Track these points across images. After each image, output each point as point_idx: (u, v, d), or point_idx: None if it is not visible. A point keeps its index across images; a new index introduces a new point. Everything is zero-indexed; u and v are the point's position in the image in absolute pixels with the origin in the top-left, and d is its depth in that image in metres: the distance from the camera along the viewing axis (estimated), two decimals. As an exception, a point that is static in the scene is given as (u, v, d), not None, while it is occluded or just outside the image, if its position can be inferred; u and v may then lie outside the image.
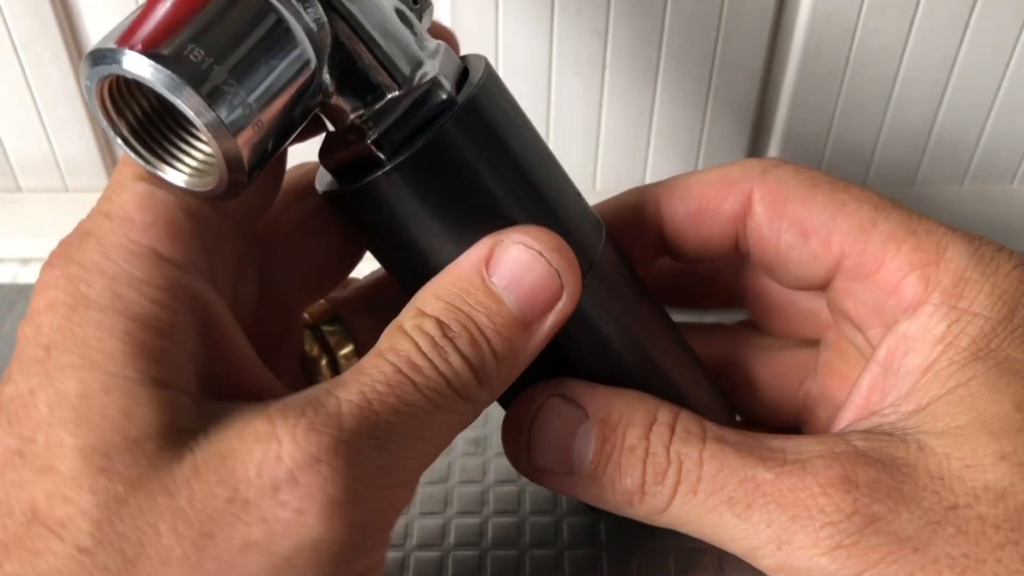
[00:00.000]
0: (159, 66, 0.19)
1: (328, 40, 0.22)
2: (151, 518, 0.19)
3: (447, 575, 0.33)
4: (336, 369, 0.29)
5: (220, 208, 0.23)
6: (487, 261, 0.23)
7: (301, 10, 0.21)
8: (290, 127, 0.22)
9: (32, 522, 0.19)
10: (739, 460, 0.24)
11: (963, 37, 0.41)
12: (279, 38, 0.21)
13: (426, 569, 0.33)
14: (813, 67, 0.42)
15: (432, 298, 0.23)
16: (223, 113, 0.20)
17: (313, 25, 0.22)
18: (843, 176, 0.46)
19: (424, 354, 0.22)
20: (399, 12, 0.23)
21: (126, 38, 0.19)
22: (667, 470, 0.24)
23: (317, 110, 0.23)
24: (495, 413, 0.34)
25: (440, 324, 0.22)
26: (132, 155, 0.21)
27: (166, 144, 0.21)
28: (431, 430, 0.22)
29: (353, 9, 0.22)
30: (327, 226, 0.27)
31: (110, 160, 0.46)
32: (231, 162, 0.20)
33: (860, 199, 0.26)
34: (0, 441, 0.20)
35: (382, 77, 0.23)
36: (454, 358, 0.22)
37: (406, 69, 0.23)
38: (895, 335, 0.25)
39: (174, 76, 0.19)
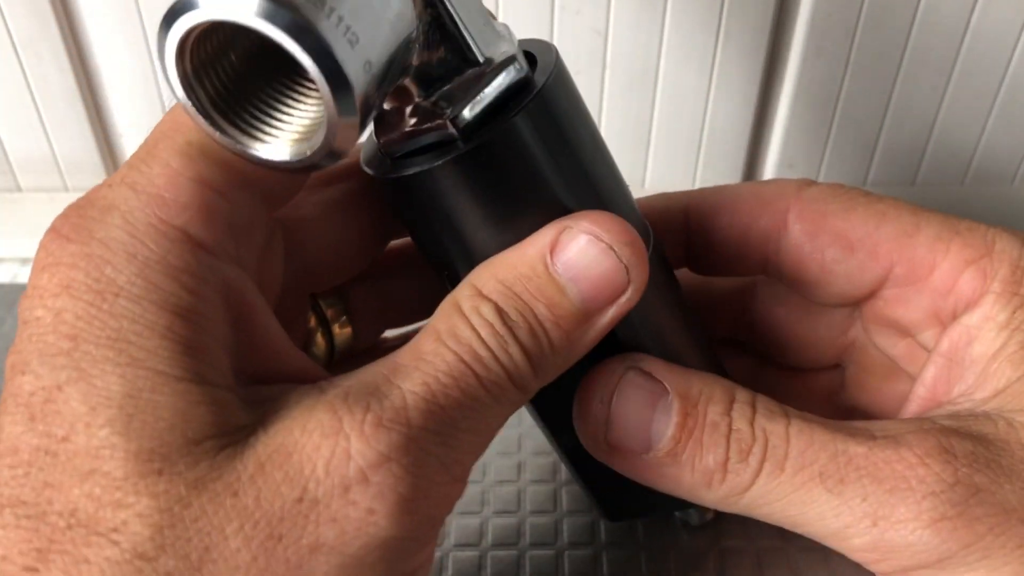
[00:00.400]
0: (268, 2, 0.16)
1: (425, 22, 0.22)
2: (217, 520, 0.18)
3: (447, 575, 0.33)
4: (331, 342, 0.28)
5: (250, 191, 0.21)
6: (552, 247, 0.22)
7: None
8: (392, 78, 0.20)
9: (73, 527, 0.18)
10: (828, 435, 0.23)
11: (963, 37, 0.41)
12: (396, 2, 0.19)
13: (426, 569, 0.33)
14: (813, 66, 0.42)
15: (491, 278, 0.22)
16: (341, 56, 0.17)
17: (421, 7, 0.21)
18: (843, 176, 0.46)
19: (485, 343, 0.21)
20: None
21: None
22: (752, 446, 0.23)
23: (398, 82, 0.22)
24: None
25: (499, 310, 0.22)
26: (211, 130, 0.19)
27: (254, 112, 0.19)
28: (488, 423, 0.22)
29: None
30: (354, 212, 0.26)
31: (110, 160, 0.46)
32: (344, 109, 0.18)
33: (898, 208, 0.26)
34: (21, 439, 0.18)
35: (467, 51, 0.22)
36: (514, 349, 0.21)
37: (487, 45, 0.23)
38: (957, 327, 0.25)
39: (287, 13, 0.17)
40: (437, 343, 0.21)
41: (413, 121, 0.23)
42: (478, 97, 0.22)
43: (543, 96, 0.22)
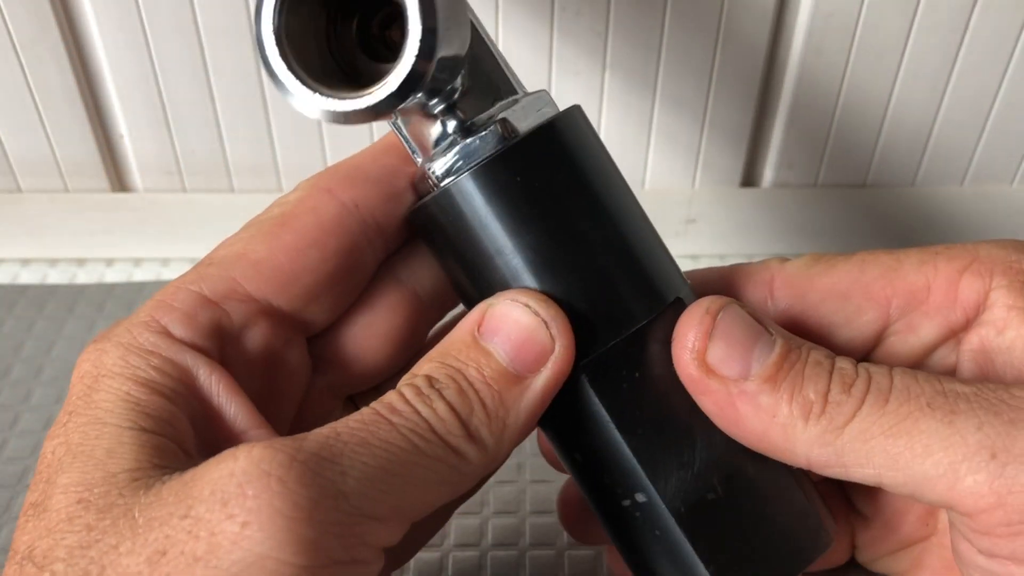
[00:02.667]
0: None
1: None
2: (113, 540, 0.20)
3: (447, 575, 0.33)
4: None
5: (253, 305, 0.25)
6: (479, 323, 0.24)
7: None
8: (457, 67, 0.24)
9: (25, 561, 0.20)
10: (933, 377, 0.22)
11: (963, 37, 0.41)
12: None
13: (426, 569, 0.33)
14: (813, 67, 0.42)
15: (426, 361, 0.23)
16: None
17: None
18: (843, 176, 0.46)
19: (406, 400, 0.22)
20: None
21: None
22: (855, 380, 0.23)
23: (439, 107, 0.25)
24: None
25: (429, 379, 0.23)
26: (301, 84, 0.23)
27: (345, 40, 0.24)
28: (409, 471, 0.21)
29: (476, 23, 0.25)
30: (381, 327, 0.27)
31: (110, 161, 0.46)
32: (428, 33, 0.22)
33: (875, 253, 0.27)
34: (26, 499, 0.22)
35: (502, 82, 0.25)
36: (439, 404, 0.22)
37: (516, 81, 0.26)
38: (981, 324, 0.25)
39: None
40: (363, 408, 0.22)
41: (451, 143, 0.25)
42: (534, 113, 0.25)
43: (567, 119, 0.24)
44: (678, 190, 0.46)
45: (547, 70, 0.42)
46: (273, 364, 0.26)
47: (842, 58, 0.42)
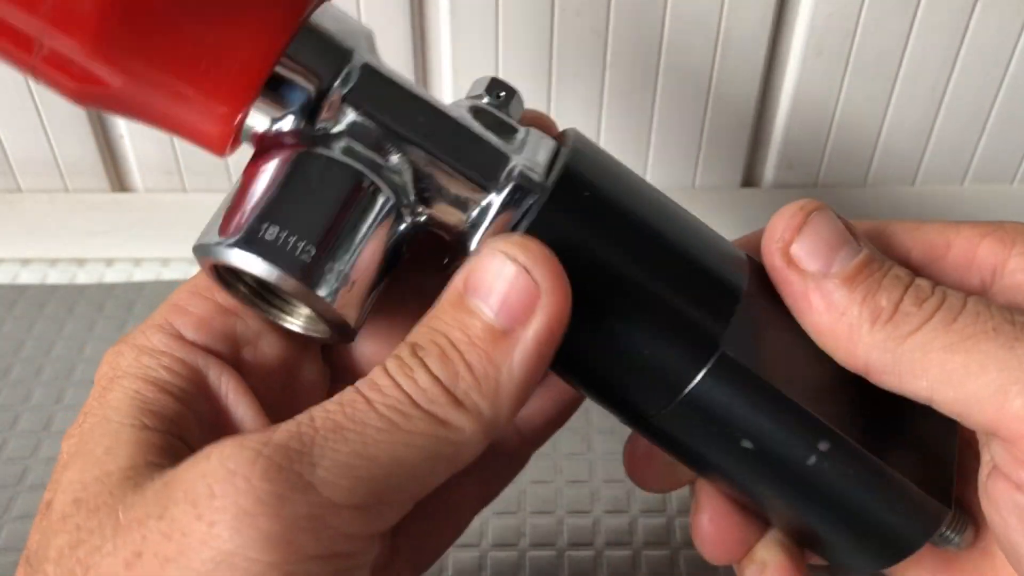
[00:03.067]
0: (250, 255, 0.21)
1: (408, 175, 0.23)
2: (98, 540, 0.20)
3: (447, 575, 0.33)
4: None
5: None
6: (466, 279, 0.22)
7: (374, 157, 0.22)
8: (388, 266, 0.23)
9: (26, 560, 0.21)
10: (1004, 309, 0.23)
11: (963, 37, 0.41)
12: (356, 196, 0.22)
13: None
14: (813, 67, 0.42)
15: (417, 326, 0.22)
16: (319, 289, 0.22)
17: (389, 167, 0.22)
18: (843, 177, 0.46)
19: (388, 373, 0.21)
20: (478, 111, 0.24)
21: (224, 228, 0.22)
22: (929, 297, 0.23)
23: (424, 232, 0.24)
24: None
25: (413, 346, 0.21)
26: (257, 312, 0.24)
27: (279, 305, 0.24)
28: (388, 451, 0.20)
29: (421, 137, 0.22)
30: (398, 333, 0.26)
31: (110, 160, 0.46)
32: (334, 322, 0.23)
33: (896, 220, 0.27)
34: (46, 495, 0.22)
35: (470, 189, 0.23)
36: (420, 375, 0.21)
37: (491, 172, 0.23)
38: (999, 290, 0.25)
39: (263, 263, 0.21)
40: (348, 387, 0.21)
41: (455, 250, 0.24)
42: (493, 221, 0.23)
43: (554, 195, 0.22)
44: (678, 190, 0.46)
45: (547, 70, 0.42)
46: (291, 373, 0.26)
47: (842, 58, 0.42)
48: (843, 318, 0.23)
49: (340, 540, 0.20)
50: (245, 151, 0.23)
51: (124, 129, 0.44)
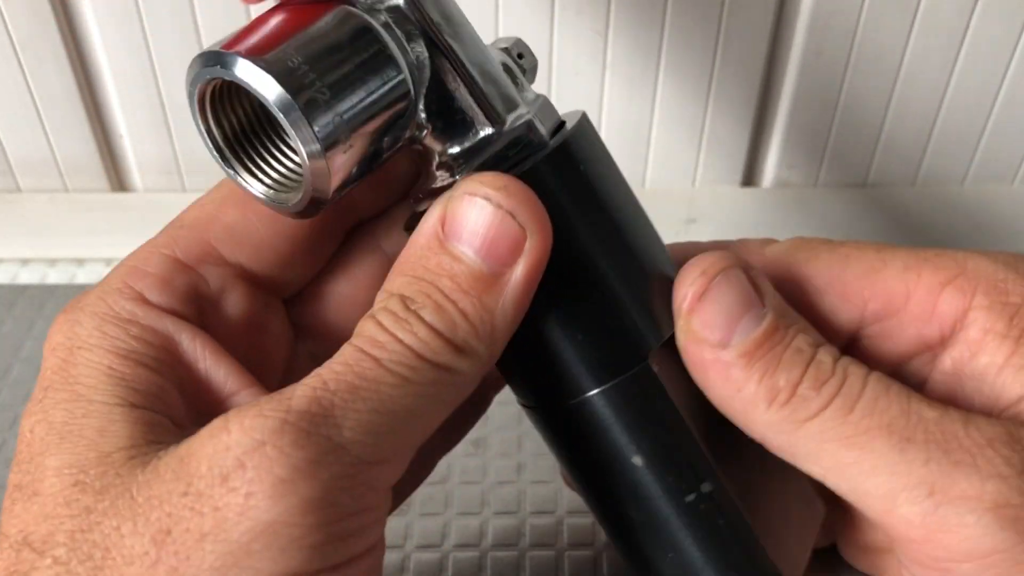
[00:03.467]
0: (261, 71, 0.20)
1: (427, 75, 0.23)
2: (114, 521, 0.20)
3: (447, 575, 0.33)
4: None
5: (227, 268, 0.24)
6: (442, 222, 0.22)
7: (405, 42, 0.22)
8: (378, 154, 0.22)
9: (22, 546, 0.20)
10: (904, 393, 0.22)
11: (963, 37, 0.41)
12: (380, 64, 0.22)
13: (426, 569, 0.33)
14: (813, 67, 0.42)
15: (396, 275, 0.22)
16: (317, 125, 0.20)
17: (414, 58, 0.22)
18: (843, 177, 0.46)
19: (386, 329, 0.21)
20: (504, 64, 0.24)
21: (233, 43, 0.20)
22: (829, 380, 0.22)
23: (413, 144, 0.23)
24: (495, 415, 0.34)
25: (403, 299, 0.22)
26: (220, 163, 0.23)
27: (256, 156, 0.23)
28: (404, 404, 0.21)
29: (456, 47, 0.23)
30: (362, 294, 0.27)
31: (110, 160, 0.46)
32: (317, 175, 0.21)
33: (861, 248, 0.26)
34: (9, 480, 0.21)
35: (477, 113, 0.23)
36: (419, 328, 0.21)
37: (502, 109, 0.23)
38: (957, 344, 0.25)
39: (274, 82, 0.20)
40: (344, 345, 0.21)
41: (434, 179, 0.24)
42: (488, 158, 0.23)
43: (554, 154, 0.23)
44: (678, 190, 0.46)
45: (547, 70, 0.42)
46: (254, 330, 0.25)
47: (842, 58, 0.42)
48: (740, 394, 0.23)
49: (370, 495, 0.21)
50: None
51: (124, 129, 0.44)
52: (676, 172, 0.46)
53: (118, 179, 0.46)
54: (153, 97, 0.43)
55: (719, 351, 0.23)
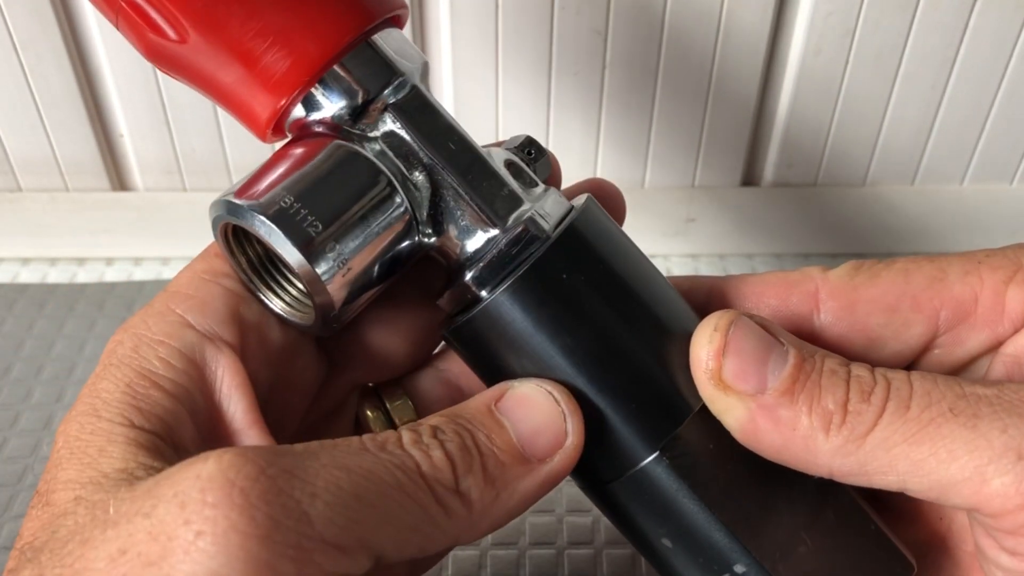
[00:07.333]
0: (265, 221, 0.22)
1: (426, 194, 0.24)
2: (87, 534, 0.20)
3: (447, 574, 0.33)
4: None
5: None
6: (497, 400, 0.23)
7: (401, 166, 0.24)
8: (383, 270, 0.24)
9: (26, 548, 0.21)
10: (953, 380, 0.22)
11: (963, 36, 0.41)
12: (369, 189, 0.23)
13: (426, 568, 0.33)
14: (813, 67, 0.42)
15: (434, 416, 0.23)
16: (319, 268, 0.22)
17: (412, 179, 0.24)
18: (843, 176, 0.46)
19: (401, 443, 0.21)
20: (507, 160, 0.25)
21: (243, 191, 0.23)
22: (874, 388, 0.22)
23: (428, 251, 0.25)
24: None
25: (433, 428, 0.22)
26: (247, 284, 0.24)
27: (272, 281, 0.25)
28: (385, 504, 0.20)
29: (450, 163, 0.24)
30: (397, 323, 0.27)
31: (110, 160, 0.46)
32: (321, 304, 0.23)
33: (917, 261, 0.26)
34: (37, 488, 0.22)
35: (479, 218, 0.24)
36: (436, 452, 0.21)
37: (503, 210, 0.24)
38: (1020, 335, 0.25)
39: (267, 222, 0.22)
40: (356, 437, 0.21)
41: (451, 279, 0.25)
42: (494, 257, 0.24)
43: (556, 245, 0.23)
44: (678, 189, 0.46)
45: (547, 70, 0.42)
46: (289, 356, 0.26)
47: (842, 58, 0.42)
48: (795, 433, 0.22)
49: None
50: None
51: (124, 128, 0.44)
52: (676, 172, 0.46)
53: (119, 178, 0.46)
54: (154, 97, 0.43)
55: (760, 398, 0.23)
